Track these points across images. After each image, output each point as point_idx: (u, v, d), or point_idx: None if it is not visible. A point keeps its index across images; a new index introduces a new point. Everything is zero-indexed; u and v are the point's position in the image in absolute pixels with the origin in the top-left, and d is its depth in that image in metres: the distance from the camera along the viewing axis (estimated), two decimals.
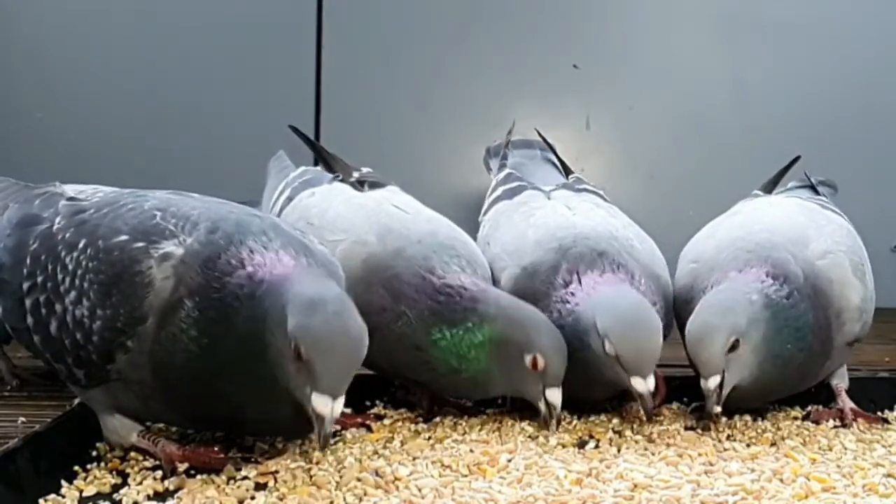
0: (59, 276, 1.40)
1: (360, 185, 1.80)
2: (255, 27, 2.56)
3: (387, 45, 2.59)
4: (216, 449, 1.43)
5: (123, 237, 1.38)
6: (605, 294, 1.59)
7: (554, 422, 1.56)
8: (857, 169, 2.11)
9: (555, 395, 1.55)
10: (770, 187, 1.97)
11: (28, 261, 1.44)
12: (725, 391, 1.53)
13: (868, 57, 2.57)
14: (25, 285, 1.44)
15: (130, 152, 2.49)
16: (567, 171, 2.06)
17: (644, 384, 1.53)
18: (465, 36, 2.59)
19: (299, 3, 2.58)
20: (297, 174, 1.91)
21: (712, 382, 1.51)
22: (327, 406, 1.27)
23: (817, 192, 1.91)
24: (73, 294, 1.39)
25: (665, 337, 1.65)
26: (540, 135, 2.17)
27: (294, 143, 2.12)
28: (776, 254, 1.60)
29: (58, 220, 1.45)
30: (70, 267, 1.40)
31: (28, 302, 1.43)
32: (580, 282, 1.62)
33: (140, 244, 1.37)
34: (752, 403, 1.65)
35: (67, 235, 1.42)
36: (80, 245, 1.40)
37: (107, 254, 1.37)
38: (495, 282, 1.69)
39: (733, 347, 1.51)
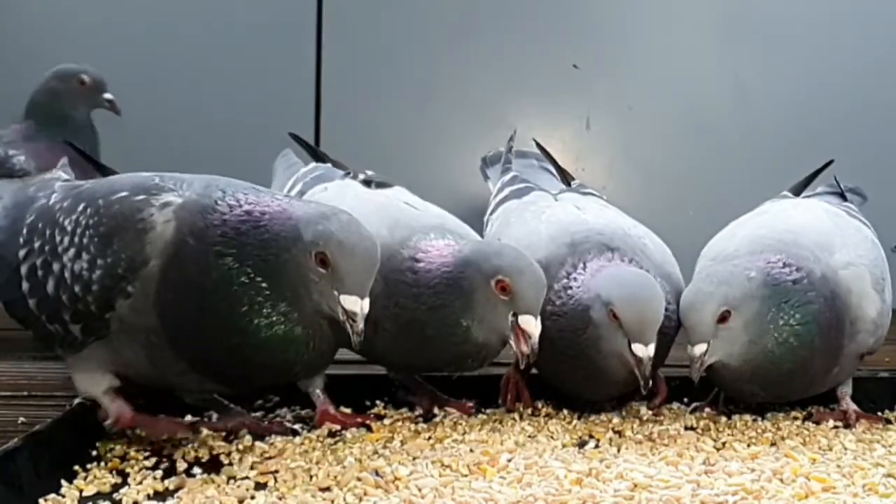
0: (58, 238, 1.44)
1: (367, 184, 1.81)
2: (255, 27, 2.56)
3: (387, 45, 2.59)
4: (177, 421, 1.47)
5: (123, 193, 1.43)
6: (610, 272, 1.61)
7: (529, 356, 1.51)
8: (856, 168, 2.10)
9: (529, 323, 1.52)
10: (799, 189, 1.96)
11: (24, 231, 1.48)
12: (710, 360, 1.54)
13: (866, 57, 2.58)
14: (22, 253, 1.46)
15: (131, 152, 2.48)
16: (566, 179, 2.06)
17: (644, 350, 1.53)
18: (465, 36, 2.59)
19: (299, 3, 2.58)
20: (308, 170, 1.91)
21: (698, 349, 1.53)
22: (357, 304, 1.35)
23: (845, 199, 1.91)
24: (72, 251, 1.42)
25: (675, 336, 1.65)
26: (538, 145, 2.17)
27: (293, 145, 2.12)
28: (797, 250, 1.61)
29: (54, 196, 1.50)
30: (69, 227, 1.43)
31: (24, 268, 1.46)
32: (585, 267, 1.62)
33: (141, 196, 1.41)
34: (751, 394, 1.64)
35: (65, 204, 1.46)
36: (80, 207, 1.44)
37: (107, 207, 1.42)
38: None
39: (723, 318, 1.52)
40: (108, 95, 2.20)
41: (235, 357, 1.40)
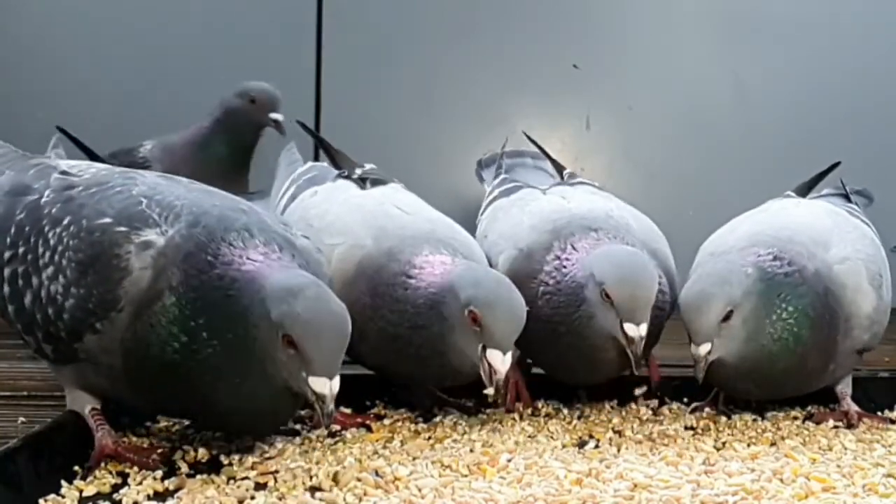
0: (40, 250, 1.41)
1: (362, 182, 1.81)
2: (255, 27, 2.56)
3: (387, 45, 2.59)
4: (159, 452, 1.45)
5: (107, 219, 1.38)
6: (604, 250, 1.61)
7: (494, 391, 1.47)
8: (856, 169, 2.10)
9: (495, 358, 1.46)
10: (805, 191, 1.96)
11: (12, 230, 1.44)
12: (712, 358, 1.54)
13: (867, 57, 2.58)
14: (7, 254, 1.44)
15: None
16: (560, 172, 2.06)
17: (636, 330, 1.53)
18: (465, 36, 2.59)
19: (299, 3, 2.58)
20: (304, 170, 1.91)
21: (703, 349, 1.53)
22: (326, 386, 1.28)
23: (850, 201, 1.91)
24: (50, 269, 1.39)
25: (670, 315, 1.65)
26: (532, 140, 2.17)
27: (296, 138, 2.12)
28: (791, 246, 1.61)
29: (47, 192, 1.46)
30: (52, 242, 1.40)
31: (7, 271, 1.43)
32: (575, 248, 1.63)
33: (122, 228, 1.37)
34: (745, 391, 1.65)
35: (53, 210, 1.43)
36: (65, 222, 1.40)
37: (88, 233, 1.38)
38: (492, 266, 1.69)
39: (727, 317, 1.53)
40: (274, 115, 2.12)
41: (198, 414, 1.40)
